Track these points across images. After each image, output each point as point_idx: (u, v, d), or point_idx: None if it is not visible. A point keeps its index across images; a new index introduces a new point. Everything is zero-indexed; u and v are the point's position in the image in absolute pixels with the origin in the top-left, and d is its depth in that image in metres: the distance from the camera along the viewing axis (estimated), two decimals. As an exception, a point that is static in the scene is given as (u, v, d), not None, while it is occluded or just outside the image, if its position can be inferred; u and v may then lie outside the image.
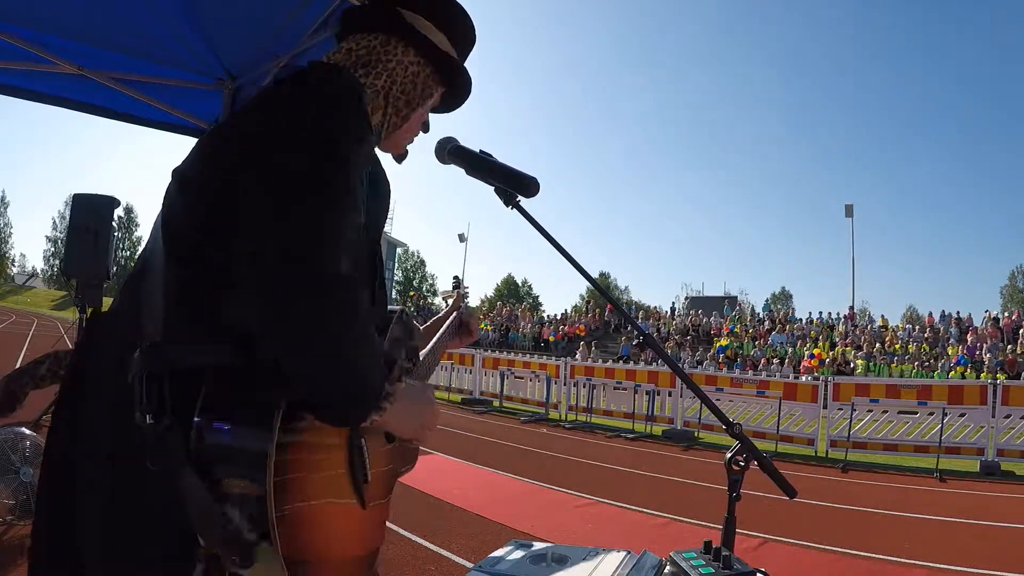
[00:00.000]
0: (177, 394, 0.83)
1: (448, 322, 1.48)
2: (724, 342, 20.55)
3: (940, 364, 17.25)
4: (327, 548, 0.88)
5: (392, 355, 0.95)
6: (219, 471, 0.83)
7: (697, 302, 31.48)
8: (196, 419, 0.83)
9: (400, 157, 1.20)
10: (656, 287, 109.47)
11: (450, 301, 1.62)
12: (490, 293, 59.17)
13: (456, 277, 1.71)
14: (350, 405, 0.86)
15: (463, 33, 1.17)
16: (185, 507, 0.82)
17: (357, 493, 0.92)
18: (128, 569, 0.89)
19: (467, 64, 1.20)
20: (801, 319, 23.14)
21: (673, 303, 32.64)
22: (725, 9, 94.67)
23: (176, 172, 0.99)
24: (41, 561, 0.95)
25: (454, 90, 1.18)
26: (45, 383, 2.96)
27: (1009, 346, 17.57)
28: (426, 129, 1.19)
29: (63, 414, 0.99)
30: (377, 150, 1.15)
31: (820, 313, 22.96)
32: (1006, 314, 20.46)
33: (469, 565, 3.18)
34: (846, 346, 19.26)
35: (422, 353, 1.24)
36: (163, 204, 0.98)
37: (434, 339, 1.35)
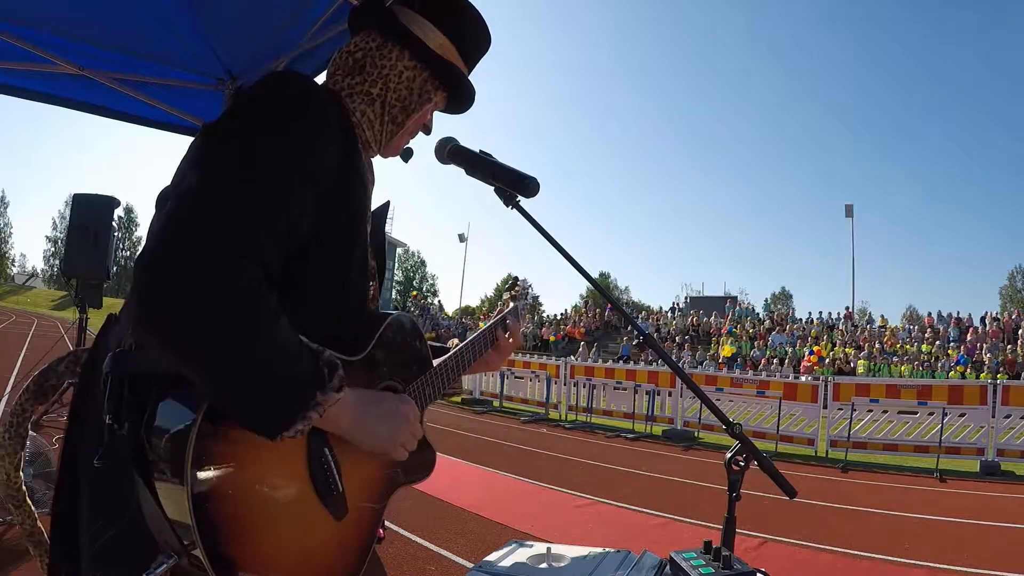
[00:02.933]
0: (135, 397, 0.82)
1: (482, 330, 1.38)
2: (729, 351, 20.47)
3: (940, 364, 17.25)
4: (282, 561, 0.84)
5: (333, 360, 0.85)
6: (153, 469, 0.81)
7: (697, 302, 31.45)
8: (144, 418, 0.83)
9: (406, 153, 1.18)
10: (656, 287, 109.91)
11: (509, 304, 1.48)
12: (490, 293, 59.14)
13: (516, 279, 1.56)
14: (254, 413, 0.79)
15: (470, 34, 1.13)
16: (139, 506, 0.82)
17: (325, 505, 0.88)
18: (102, 565, 0.90)
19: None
20: (801, 319, 23.14)
21: (673, 303, 32.64)
22: (725, 9, 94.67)
23: (159, 194, 1.00)
24: (53, 554, 0.97)
25: (455, 96, 1.16)
26: (65, 379, 3.05)
27: (1009, 346, 17.57)
28: (427, 131, 1.17)
29: (74, 409, 1.01)
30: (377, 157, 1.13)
31: (820, 313, 22.98)
32: (1006, 314, 20.46)
33: (469, 565, 3.18)
34: (846, 346, 19.25)
35: (437, 362, 1.19)
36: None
37: (455, 349, 1.29)
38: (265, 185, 0.82)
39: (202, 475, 0.76)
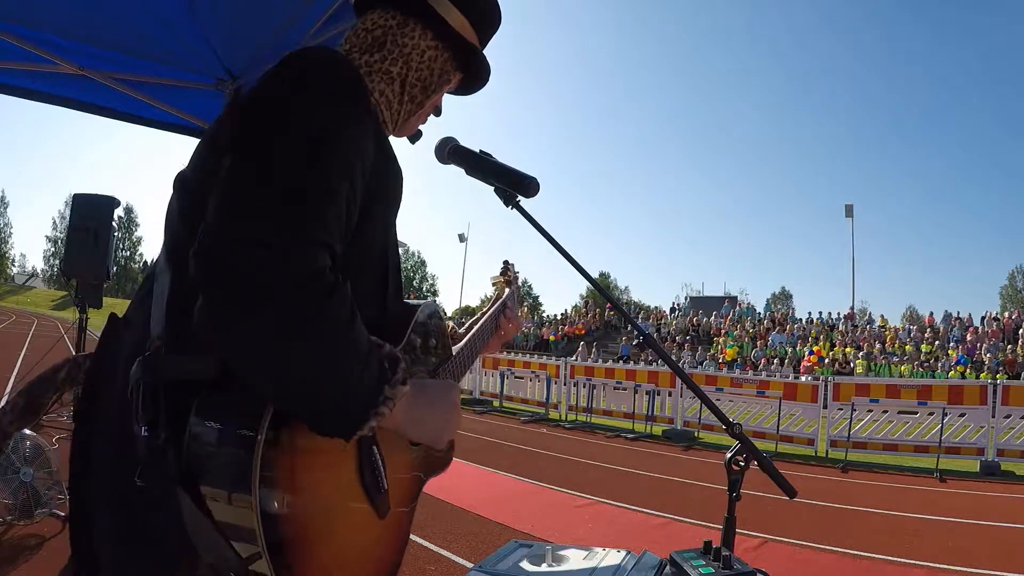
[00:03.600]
0: (173, 406, 0.78)
1: (487, 315, 1.38)
2: (731, 353, 20.46)
3: (940, 364, 17.25)
4: (335, 567, 0.82)
5: (394, 353, 0.81)
6: (204, 481, 0.76)
7: (697, 302, 31.45)
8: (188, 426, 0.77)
9: (413, 136, 1.15)
10: (656, 287, 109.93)
11: (504, 290, 1.48)
12: (490, 293, 59.04)
13: (505, 261, 1.55)
14: (329, 413, 0.75)
15: (485, 12, 1.10)
16: (181, 523, 0.77)
17: (372, 504, 0.86)
18: None
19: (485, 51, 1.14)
20: (801, 319, 23.15)
21: (673, 303, 32.64)
22: (725, 9, 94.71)
23: (176, 179, 0.96)
24: (71, 560, 0.93)
25: (471, 77, 1.13)
26: (65, 388, 3.00)
27: (1009, 346, 17.57)
28: (438, 113, 1.14)
29: (81, 417, 0.96)
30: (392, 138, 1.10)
31: (820, 313, 22.98)
32: (1006, 314, 20.46)
33: (469, 565, 3.18)
34: (846, 346, 19.26)
35: (455, 348, 1.18)
36: (167, 213, 0.95)
37: (469, 334, 1.27)
38: (329, 170, 0.78)
39: (267, 484, 0.73)
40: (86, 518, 0.91)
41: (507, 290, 1.49)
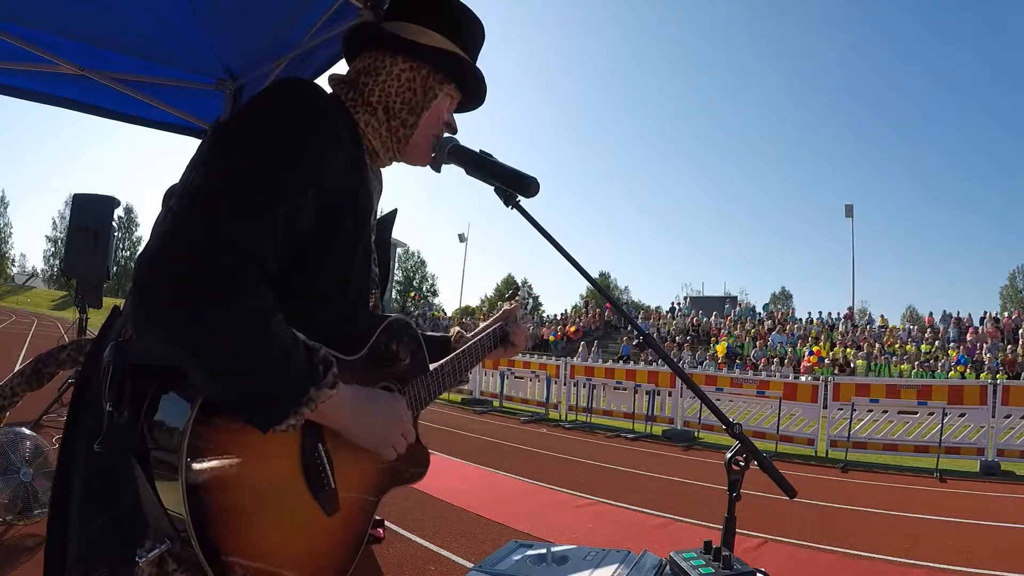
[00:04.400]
0: (136, 387, 0.84)
1: (485, 333, 1.43)
2: (722, 348, 20.49)
3: (940, 364, 17.26)
4: (271, 554, 0.85)
5: (328, 357, 0.87)
6: (150, 456, 0.82)
7: (697, 302, 31.46)
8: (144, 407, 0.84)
9: (435, 164, 1.17)
10: (656, 287, 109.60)
11: (507, 306, 1.54)
12: (490, 293, 59.14)
13: (516, 287, 1.63)
14: (245, 406, 0.81)
15: (462, 22, 1.14)
16: (136, 492, 0.83)
17: (317, 500, 0.90)
18: (88, 548, 0.92)
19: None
20: (801, 319, 23.15)
21: (673, 303, 32.65)
22: (725, 9, 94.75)
23: (166, 192, 1.05)
24: (48, 555, 0.99)
25: (465, 84, 1.17)
26: (66, 366, 3.19)
27: (1009, 346, 17.57)
28: (452, 130, 1.18)
29: (76, 398, 1.04)
30: (401, 164, 1.16)
31: (820, 313, 22.99)
32: (1006, 314, 20.47)
33: (469, 565, 3.18)
34: (846, 346, 19.26)
35: (434, 365, 1.21)
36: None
37: (454, 353, 1.30)
38: (265, 188, 0.85)
39: (196, 466, 0.78)
40: (66, 482, 0.99)
41: (511, 317, 1.51)
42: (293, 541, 0.89)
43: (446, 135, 1.18)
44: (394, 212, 1.27)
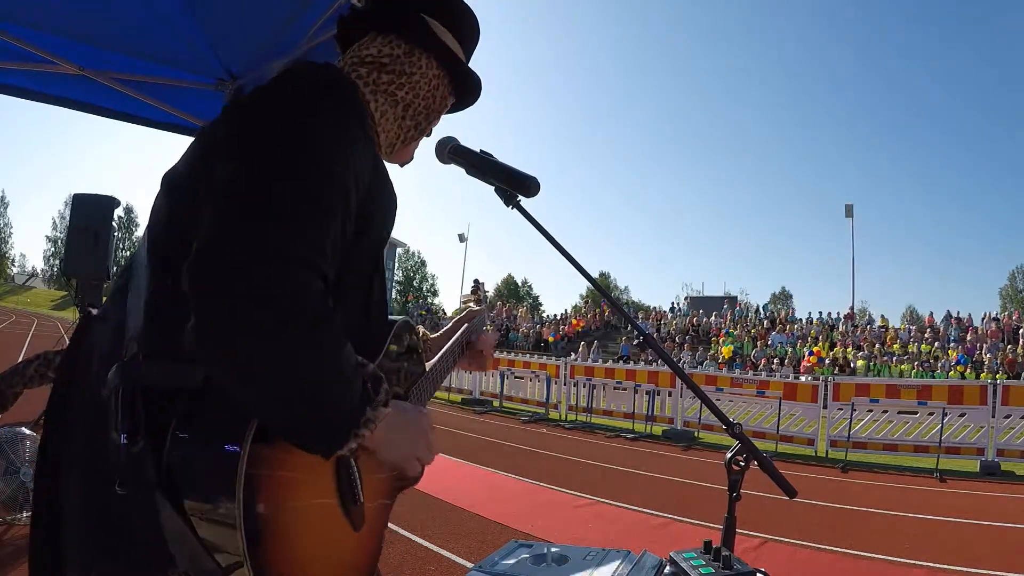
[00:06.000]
0: (151, 414, 0.77)
1: (453, 339, 1.35)
2: (728, 351, 20.46)
3: (940, 364, 17.25)
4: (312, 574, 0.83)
5: (377, 374, 0.83)
6: (186, 493, 0.76)
7: (697, 302, 31.45)
8: (169, 437, 0.77)
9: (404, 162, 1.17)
10: (656, 287, 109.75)
11: (472, 307, 1.48)
12: (490, 293, 59.04)
13: (476, 281, 1.55)
14: (312, 432, 0.76)
15: (470, 30, 1.12)
16: (159, 530, 0.77)
17: (348, 516, 0.87)
18: None
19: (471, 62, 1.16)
20: (801, 319, 23.14)
21: (673, 303, 32.64)
22: (725, 8, 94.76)
23: (164, 177, 0.94)
24: (33, 563, 0.92)
25: (465, 97, 1.16)
26: (34, 384, 2.99)
27: (1009, 346, 17.57)
28: (428, 133, 1.16)
29: (52, 418, 0.95)
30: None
31: (820, 313, 22.97)
32: (1005, 314, 20.46)
33: (469, 565, 3.18)
34: (846, 346, 19.25)
35: (428, 364, 1.18)
36: (151, 210, 0.94)
37: (435, 358, 1.26)
38: (326, 192, 0.79)
39: (250, 498, 0.73)
40: (54, 521, 0.90)
41: (474, 314, 1.45)
42: (331, 561, 0.86)
43: (447, 135, 1.18)
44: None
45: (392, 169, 1.19)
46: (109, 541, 0.84)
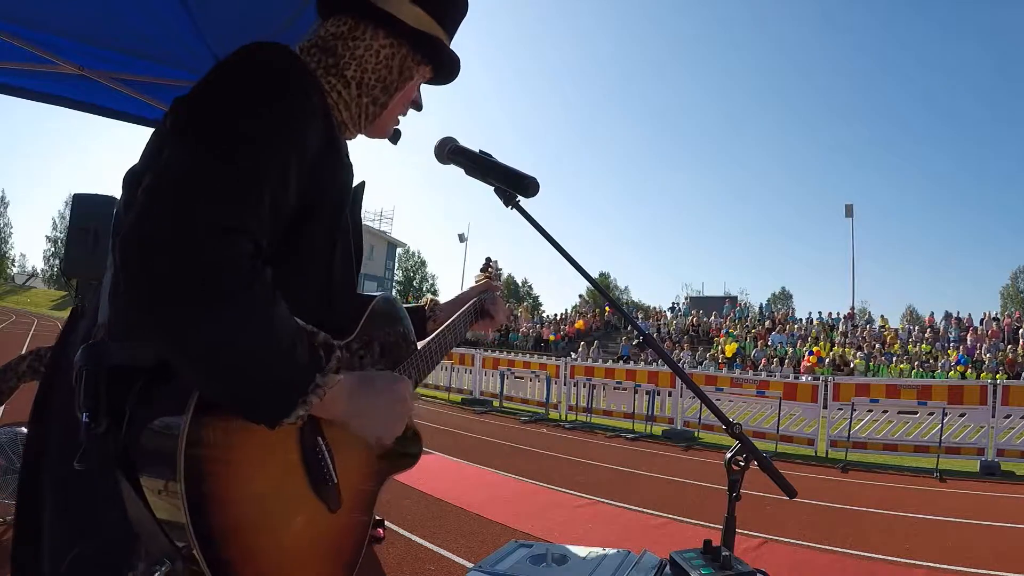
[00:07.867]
0: (113, 393, 0.78)
1: (463, 309, 1.39)
2: (731, 349, 20.47)
3: (940, 364, 17.25)
4: (282, 558, 0.82)
5: (329, 341, 0.82)
6: (140, 469, 0.77)
7: (697, 302, 31.45)
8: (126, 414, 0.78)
9: (395, 136, 1.15)
10: (656, 287, 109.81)
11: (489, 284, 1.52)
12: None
13: (488, 258, 1.57)
14: (252, 400, 0.75)
15: (446, 2, 1.09)
16: (123, 511, 0.78)
17: (320, 496, 0.86)
18: (69, 568, 0.86)
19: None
20: (801, 319, 23.14)
21: (673, 303, 32.65)
22: (726, 8, 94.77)
23: (126, 173, 0.95)
24: (13, 556, 0.93)
25: (440, 67, 1.12)
26: (26, 379, 2.97)
27: (1009, 346, 17.57)
28: (418, 108, 1.14)
29: (38, 410, 0.97)
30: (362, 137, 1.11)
31: (820, 313, 22.97)
32: (1006, 314, 20.47)
33: (469, 565, 3.18)
34: (846, 346, 19.26)
35: (421, 344, 1.18)
36: (116, 206, 0.96)
37: (439, 329, 1.27)
38: (252, 160, 0.79)
39: (195, 472, 0.73)
40: (34, 504, 0.91)
41: (487, 291, 1.51)
42: (300, 542, 0.85)
43: (446, 135, 1.18)
44: (362, 184, 1.21)
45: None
46: (78, 523, 0.85)
